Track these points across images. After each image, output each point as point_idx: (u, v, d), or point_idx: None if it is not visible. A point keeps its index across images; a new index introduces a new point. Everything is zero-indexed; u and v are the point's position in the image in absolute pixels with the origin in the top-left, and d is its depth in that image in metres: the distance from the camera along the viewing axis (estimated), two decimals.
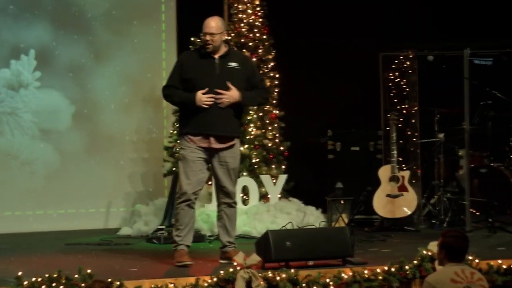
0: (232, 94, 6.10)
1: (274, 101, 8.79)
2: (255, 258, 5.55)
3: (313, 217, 8.19)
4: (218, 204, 6.36)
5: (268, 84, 8.71)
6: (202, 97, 6.05)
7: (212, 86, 6.09)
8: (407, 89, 9.21)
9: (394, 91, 9.24)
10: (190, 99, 6.10)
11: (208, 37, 6.13)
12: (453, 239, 4.83)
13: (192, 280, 5.40)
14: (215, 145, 6.15)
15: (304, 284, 5.51)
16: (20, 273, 5.20)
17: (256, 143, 8.50)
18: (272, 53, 8.84)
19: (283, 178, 8.40)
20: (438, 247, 4.89)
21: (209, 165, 6.28)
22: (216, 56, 6.19)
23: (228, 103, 6.10)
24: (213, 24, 6.16)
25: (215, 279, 5.40)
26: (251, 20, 8.77)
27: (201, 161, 6.19)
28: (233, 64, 6.20)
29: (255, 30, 8.76)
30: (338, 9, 9.67)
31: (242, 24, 8.75)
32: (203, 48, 6.23)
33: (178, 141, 7.31)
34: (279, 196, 8.37)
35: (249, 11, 8.77)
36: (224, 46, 6.26)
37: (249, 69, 6.31)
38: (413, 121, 9.10)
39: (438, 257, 4.94)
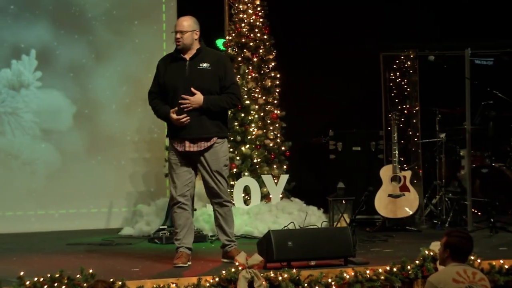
0: (194, 100, 6.04)
1: (275, 101, 8.80)
2: (257, 258, 5.54)
3: (315, 217, 8.18)
4: (212, 205, 6.34)
5: (269, 84, 8.72)
6: (177, 120, 6.05)
7: (180, 88, 6.07)
8: (408, 89, 9.19)
9: (395, 91, 9.22)
10: (167, 118, 6.14)
11: (178, 35, 6.12)
12: (458, 239, 4.82)
13: (194, 280, 5.39)
14: (191, 148, 6.11)
15: (306, 284, 5.50)
16: (22, 273, 5.20)
17: (258, 143, 8.50)
18: (273, 53, 8.85)
19: (284, 178, 8.39)
20: (442, 246, 4.87)
21: (195, 165, 6.24)
22: (187, 57, 6.15)
23: (192, 108, 6.05)
24: (184, 22, 6.14)
25: (217, 279, 5.39)
26: (251, 20, 8.78)
27: (184, 162, 6.17)
28: (204, 64, 6.13)
29: (256, 30, 8.77)
30: (339, 9, 9.67)
31: (243, 24, 8.75)
32: (176, 49, 6.20)
33: None
34: (280, 196, 8.36)
35: (250, 11, 8.78)
36: (197, 45, 6.18)
37: (221, 70, 6.18)
38: (414, 121, 9.09)
39: (441, 257, 4.92)
